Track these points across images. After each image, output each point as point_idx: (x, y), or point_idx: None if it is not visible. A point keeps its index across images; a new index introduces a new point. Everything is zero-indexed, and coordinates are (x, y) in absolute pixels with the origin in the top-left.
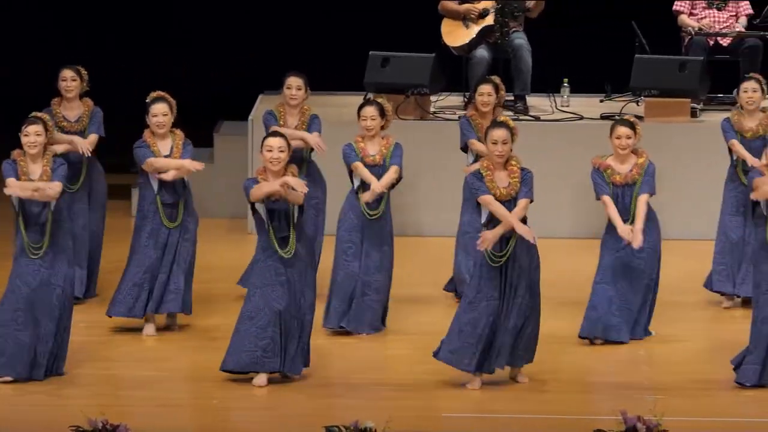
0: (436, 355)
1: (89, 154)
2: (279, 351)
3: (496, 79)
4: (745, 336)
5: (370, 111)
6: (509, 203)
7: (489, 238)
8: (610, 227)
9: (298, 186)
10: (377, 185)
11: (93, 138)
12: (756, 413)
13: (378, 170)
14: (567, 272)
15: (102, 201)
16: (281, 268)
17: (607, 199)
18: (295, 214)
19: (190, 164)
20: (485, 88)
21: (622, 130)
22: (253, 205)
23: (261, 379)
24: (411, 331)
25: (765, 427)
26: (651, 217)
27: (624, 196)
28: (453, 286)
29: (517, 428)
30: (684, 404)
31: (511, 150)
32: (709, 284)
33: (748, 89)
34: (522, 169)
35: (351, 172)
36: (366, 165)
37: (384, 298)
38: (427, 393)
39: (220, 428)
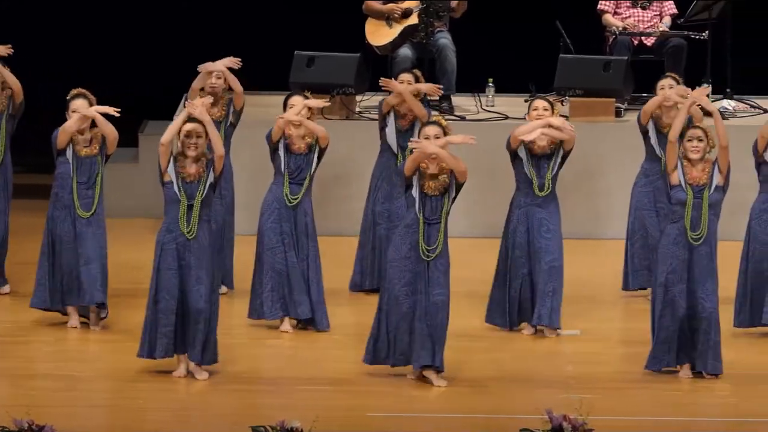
0: (370, 362)
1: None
2: (179, 336)
3: (417, 71)
4: None
5: (299, 100)
6: (439, 198)
7: (423, 145)
8: (516, 218)
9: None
10: (313, 101)
11: None
12: (681, 412)
13: (302, 158)
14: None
15: (7, 193)
16: (182, 252)
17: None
18: (204, 191)
19: (106, 108)
20: (405, 76)
21: (539, 102)
22: (162, 177)
23: (180, 370)
24: (338, 330)
25: (689, 425)
26: (556, 202)
27: (540, 167)
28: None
29: (443, 428)
30: (610, 402)
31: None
32: (628, 285)
33: (665, 86)
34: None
35: (274, 158)
36: (292, 153)
37: (320, 286)
38: (353, 392)
39: (144, 429)
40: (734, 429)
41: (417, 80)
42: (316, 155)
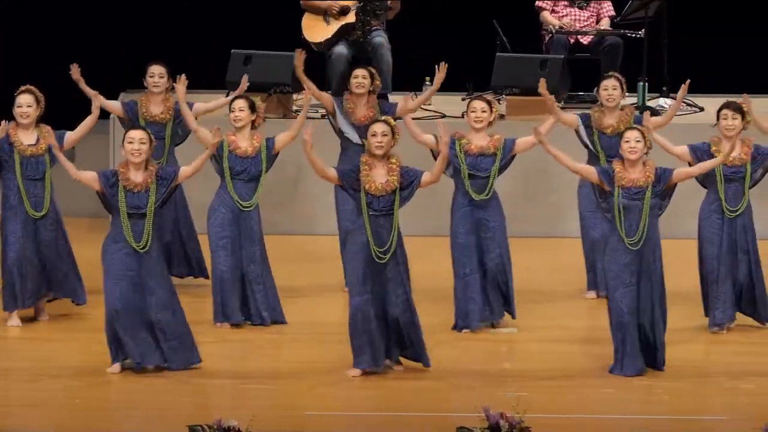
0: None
1: None
2: (125, 345)
3: (372, 68)
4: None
5: (239, 103)
6: (385, 198)
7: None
8: (457, 220)
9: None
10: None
11: None
12: (617, 409)
13: (249, 161)
14: (428, 268)
15: None
16: (129, 262)
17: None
18: (156, 202)
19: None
20: (360, 72)
21: (477, 104)
22: (100, 193)
23: (114, 367)
24: (276, 329)
25: (626, 423)
26: (496, 199)
27: (479, 166)
28: None
29: (380, 426)
30: (547, 400)
31: (392, 146)
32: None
33: (608, 87)
34: (401, 167)
35: (218, 164)
36: (237, 157)
37: (272, 287)
38: (291, 390)
39: (82, 427)
40: (670, 426)
41: (372, 75)
42: (265, 158)
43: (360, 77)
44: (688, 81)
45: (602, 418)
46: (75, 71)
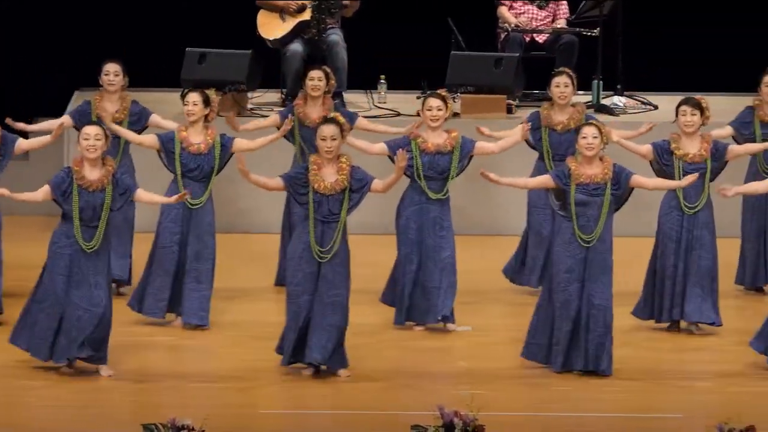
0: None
1: None
2: (56, 340)
3: (327, 68)
4: None
5: (193, 97)
6: (333, 197)
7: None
8: (409, 215)
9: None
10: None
11: None
12: (572, 407)
13: (203, 158)
14: (381, 266)
15: None
16: (75, 259)
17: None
18: (113, 205)
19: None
20: (316, 74)
21: (433, 102)
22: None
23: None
24: (229, 328)
25: (580, 421)
26: (447, 198)
27: (436, 164)
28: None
29: (334, 424)
30: (501, 398)
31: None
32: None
33: (560, 84)
34: (352, 167)
35: (171, 162)
36: (190, 154)
37: (208, 288)
38: (245, 389)
39: (35, 428)
40: (624, 424)
41: (327, 76)
42: (219, 155)
43: (315, 79)
44: (652, 125)
45: (556, 416)
46: (15, 125)
